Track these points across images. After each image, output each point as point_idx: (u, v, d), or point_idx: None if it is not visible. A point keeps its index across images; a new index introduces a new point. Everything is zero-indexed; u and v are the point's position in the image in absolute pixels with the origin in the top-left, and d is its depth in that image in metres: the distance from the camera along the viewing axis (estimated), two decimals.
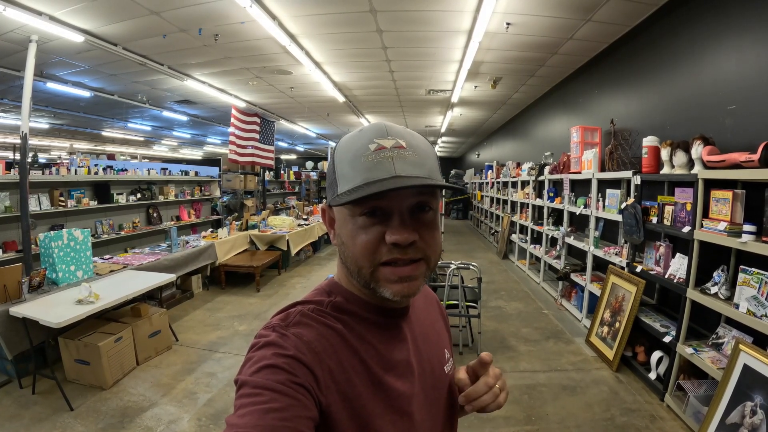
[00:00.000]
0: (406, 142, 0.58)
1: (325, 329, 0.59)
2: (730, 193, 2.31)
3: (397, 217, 0.56)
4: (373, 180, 0.54)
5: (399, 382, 0.62)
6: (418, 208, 0.57)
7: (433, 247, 0.59)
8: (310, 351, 0.55)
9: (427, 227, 0.58)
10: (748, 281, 2.15)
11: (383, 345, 0.63)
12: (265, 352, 0.54)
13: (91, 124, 10.31)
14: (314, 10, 3.85)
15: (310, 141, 14.78)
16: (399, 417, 0.60)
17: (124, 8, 3.74)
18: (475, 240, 10.61)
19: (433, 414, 0.67)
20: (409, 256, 0.56)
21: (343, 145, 0.60)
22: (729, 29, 2.75)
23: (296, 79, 6.25)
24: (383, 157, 0.55)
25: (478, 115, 9.11)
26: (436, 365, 0.71)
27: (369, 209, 0.56)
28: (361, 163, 0.56)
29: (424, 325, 0.73)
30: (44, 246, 3.40)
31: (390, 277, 0.56)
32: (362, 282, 0.59)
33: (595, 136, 4.51)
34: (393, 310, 0.66)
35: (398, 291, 0.57)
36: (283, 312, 0.63)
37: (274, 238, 6.47)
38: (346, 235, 0.59)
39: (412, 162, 0.56)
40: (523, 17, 3.89)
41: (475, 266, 3.74)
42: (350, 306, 0.64)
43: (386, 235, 0.55)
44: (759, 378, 1.99)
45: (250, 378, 0.51)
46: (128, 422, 2.56)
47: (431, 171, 0.58)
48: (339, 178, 0.58)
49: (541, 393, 2.94)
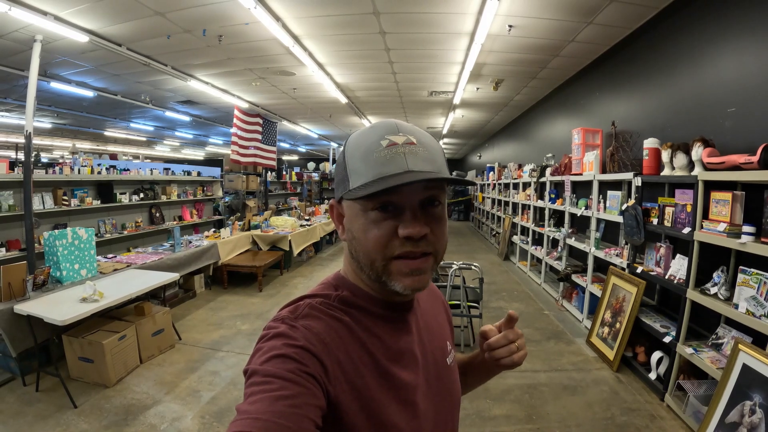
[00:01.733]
0: (416, 138, 0.59)
1: (333, 321, 0.61)
2: (729, 195, 2.33)
3: (409, 212, 0.57)
4: (386, 175, 0.55)
5: (404, 373, 0.63)
6: (429, 202, 0.58)
7: (441, 240, 0.60)
8: (319, 342, 0.56)
9: (437, 221, 0.59)
10: (748, 282, 2.17)
11: (389, 337, 0.64)
12: (275, 342, 0.55)
13: (93, 124, 10.34)
14: (318, 11, 3.87)
15: (312, 142, 14.81)
16: (404, 407, 0.62)
17: (129, 9, 3.76)
18: (476, 241, 10.62)
19: (436, 404, 0.69)
20: (420, 249, 0.57)
21: (354, 142, 0.61)
22: (729, 32, 2.77)
23: (299, 80, 6.28)
24: (396, 153, 0.56)
25: (480, 116, 9.13)
26: (439, 356, 0.72)
27: (381, 204, 0.57)
28: (374, 158, 0.57)
29: (427, 317, 0.75)
30: (49, 244, 3.42)
31: (403, 270, 0.58)
32: (374, 275, 0.60)
33: (597, 138, 4.52)
34: (399, 303, 0.67)
35: (409, 284, 0.58)
36: (291, 305, 0.64)
37: (277, 239, 6.49)
38: (358, 229, 0.60)
39: (423, 158, 0.58)
40: (525, 20, 3.91)
41: (477, 267, 3.75)
42: (357, 300, 0.65)
43: (399, 229, 0.56)
44: (758, 377, 2.00)
45: (260, 367, 0.52)
46: (132, 420, 2.58)
47: (441, 167, 0.59)
48: (351, 174, 0.59)
49: (542, 392, 2.95)
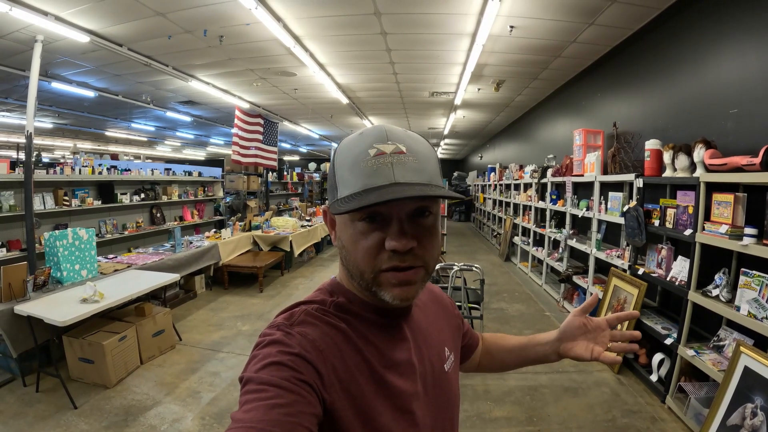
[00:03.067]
0: (406, 146, 0.57)
1: (329, 328, 0.60)
2: (731, 197, 2.32)
3: (396, 224, 0.56)
4: (372, 187, 0.54)
5: (401, 381, 0.62)
6: (418, 213, 0.57)
7: (431, 253, 0.59)
8: (314, 349, 0.56)
9: (427, 233, 0.58)
10: (749, 284, 2.16)
11: (385, 344, 0.64)
12: (270, 350, 0.55)
13: (94, 124, 10.34)
14: (319, 12, 3.87)
15: (313, 142, 14.80)
16: (401, 415, 0.61)
17: (130, 9, 3.76)
18: (477, 242, 10.61)
19: (434, 412, 0.68)
20: (407, 264, 0.57)
21: (344, 149, 0.60)
22: (731, 33, 2.76)
23: (300, 81, 6.27)
24: (382, 163, 0.55)
25: (481, 117, 9.12)
26: (436, 364, 0.71)
27: (369, 214, 0.56)
28: (361, 168, 0.56)
29: (424, 324, 0.74)
30: (49, 245, 3.42)
31: (391, 281, 0.57)
32: (364, 284, 0.60)
33: (598, 139, 4.52)
34: (394, 310, 0.66)
35: (397, 295, 0.58)
36: (287, 311, 0.63)
37: (277, 239, 6.49)
38: (347, 239, 0.59)
39: (412, 168, 0.56)
40: (526, 20, 3.90)
41: (478, 268, 3.75)
42: (352, 306, 0.64)
43: (386, 242, 0.56)
44: (759, 380, 2.00)
45: (255, 375, 0.52)
46: (132, 420, 2.58)
47: (432, 176, 0.58)
48: (339, 183, 0.58)
49: (543, 394, 2.95)
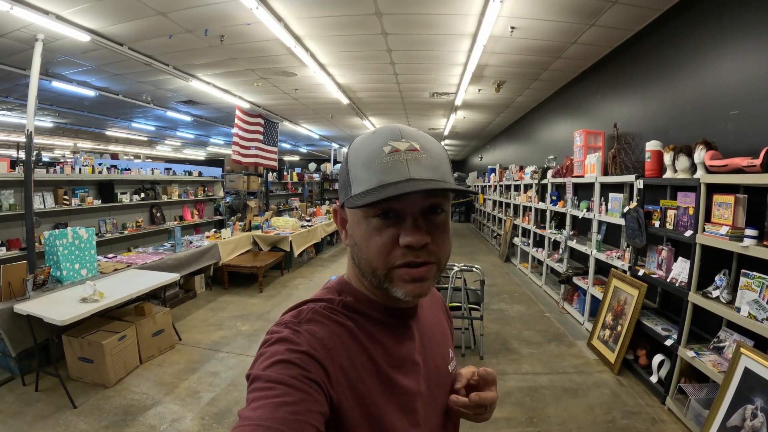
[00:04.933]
0: (419, 144, 0.58)
1: (337, 327, 0.60)
2: (732, 198, 2.32)
3: (411, 220, 0.56)
4: (387, 182, 0.54)
5: (406, 380, 0.63)
6: (431, 210, 0.57)
7: (444, 249, 0.59)
8: (322, 347, 0.56)
9: (439, 229, 0.58)
10: (750, 285, 2.16)
11: (392, 343, 0.64)
12: (278, 347, 0.55)
13: (95, 124, 10.34)
14: (320, 12, 3.87)
15: (314, 143, 14.81)
16: (405, 414, 0.61)
17: (131, 8, 3.76)
18: (477, 243, 10.61)
19: (437, 411, 0.68)
20: (421, 259, 0.56)
21: (357, 147, 0.60)
22: (732, 34, 2.77)
23: (301, 81, 6.27)
24: (398, 160, 0.55)
25: (482, 118, 9.12)
26: (441, 364, 0.71)
27: (383, 211, 0.56)
28: (376, 165, 0.56)
29: (430, 325, 0.74)
30: (49, 244, 3.42)
31: (404, 277, 0.57)
32: (376, 282, 0.59)
33: (599, 140, 4.52)
34: (402, 309, 0.66)
35: (410, 291, 0.57)
36: (294, 309, 0.63)
37: (277, 239, 6.49)
38: (360, 236, 0.59)
39: (426, 165, 0.56)
40: (527, 21, 3.90)
41: (478, 269, 3.75)
42: (360, 305, 0.64)
43: (400, 237, 0.55)
44: (760, 381, 1.99)
45: (263, 372, 0.52)
46: (131, 420, 2.57)
47: (444, 174, 0.58)
48: (353, 180, 0.58)
49: (543, 395, 2.95)
